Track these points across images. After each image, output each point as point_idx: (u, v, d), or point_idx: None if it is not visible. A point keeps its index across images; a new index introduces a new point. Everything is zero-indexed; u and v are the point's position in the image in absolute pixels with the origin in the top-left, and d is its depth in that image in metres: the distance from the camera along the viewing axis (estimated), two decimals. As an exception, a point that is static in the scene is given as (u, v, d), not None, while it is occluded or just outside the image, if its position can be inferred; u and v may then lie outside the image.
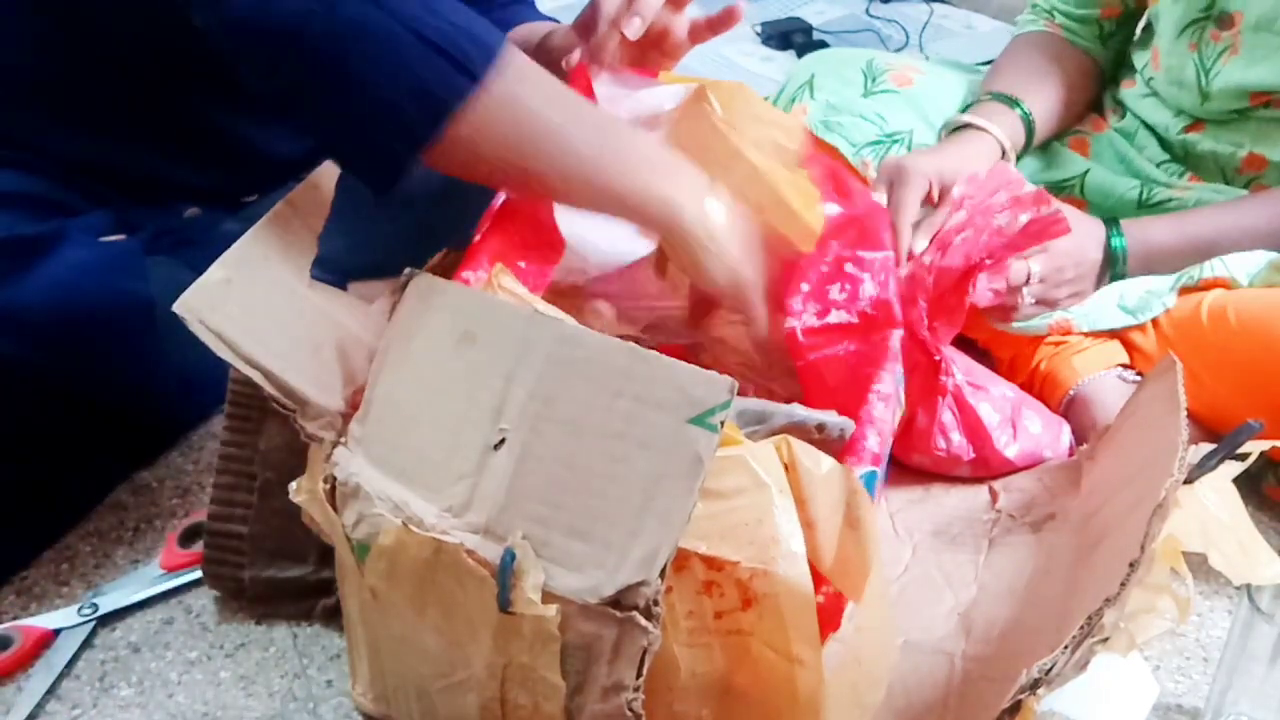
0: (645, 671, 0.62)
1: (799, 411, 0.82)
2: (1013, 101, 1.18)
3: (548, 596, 0.63)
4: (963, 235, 0.95)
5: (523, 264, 0.89)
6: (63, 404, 0.94)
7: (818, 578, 0.72)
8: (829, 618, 0.79)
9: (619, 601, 0.61)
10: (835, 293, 0.92)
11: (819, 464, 0.70)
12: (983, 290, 0.97)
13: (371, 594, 0.73)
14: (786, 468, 0.69)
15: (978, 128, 1.15)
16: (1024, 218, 0.95)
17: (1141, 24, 1.27)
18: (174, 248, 1.06)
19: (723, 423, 0.61)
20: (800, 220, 0.99)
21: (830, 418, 0.82)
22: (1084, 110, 1.29)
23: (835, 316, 0.92)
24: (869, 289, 0.92)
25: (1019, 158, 1.19)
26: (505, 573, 0.63)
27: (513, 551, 0.64)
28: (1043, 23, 1.30)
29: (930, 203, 1.06)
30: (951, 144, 1.15)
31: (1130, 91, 1.24)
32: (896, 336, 0.93)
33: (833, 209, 0.95)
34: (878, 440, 0.91)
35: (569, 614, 0.63)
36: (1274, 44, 1.10)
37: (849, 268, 0.92)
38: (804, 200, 0.99)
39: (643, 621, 0.61)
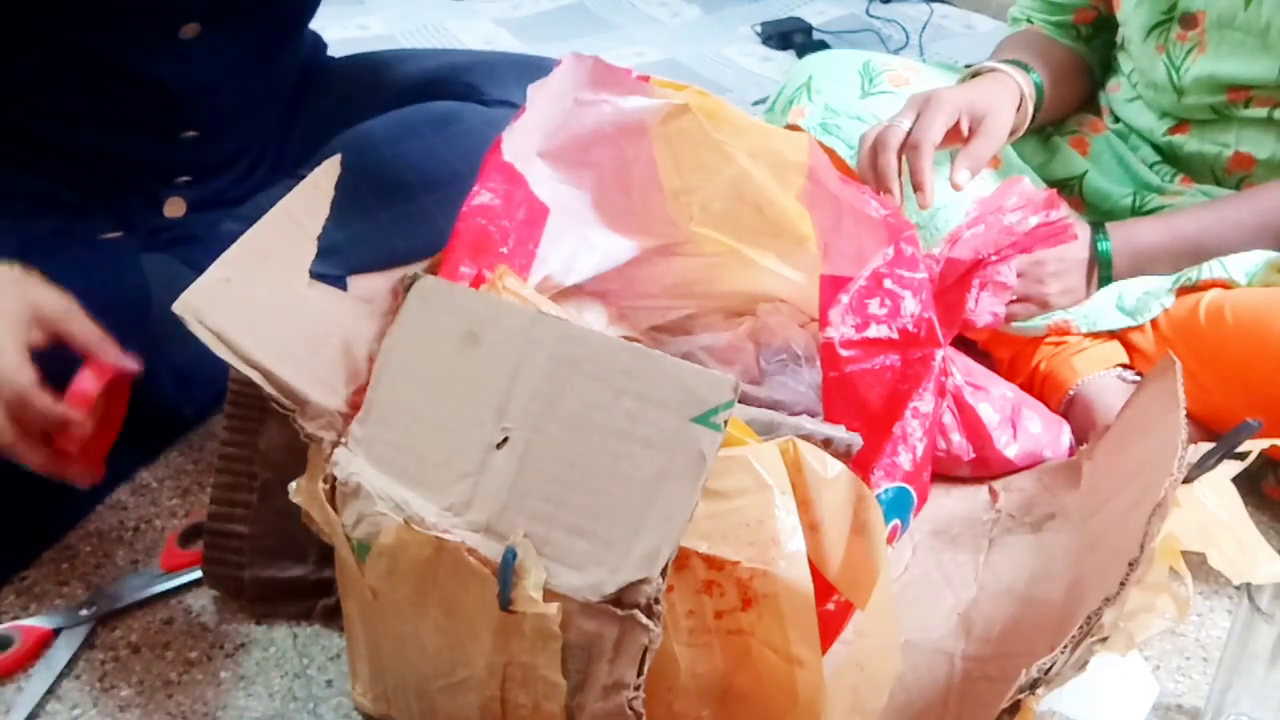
0: (646, 670, 0.62)
1: (806, 424, 0.82)
2: (1025, 67, 1.17)
3: (549, 595, 0.63)
4: (973, 230, 0.95)
5: (504, 249, 0.89)
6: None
7: (825, 587, 0.72)
8: (835, 626, 0.79)
9: (620, 600, 0.61)
10: (875, 307, 0.90)
11: (826, 467, 0.70)
12: (983, 311, 0.96)
13: (372, 594, 0.73)
14: (792, 469, 0.69)
15: (999, 70, 1.14)
16: (1034, 220, 0.95)
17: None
18: (170, 245, 1.06)
19: (726, 422, 0.61)
20: (792, 222, 1.00)
21: (838, 432, 0.82)
22: (1078, 100, 1.28)
23: (875, 331, 0.90)
24: (910, 305, 0.91)
25: (1030, 118, 1.18)
26: (506, 571, 0.63)
27: (514, 550, 0.64)
28: (1024, 26, 1.30)
29: (959, 134, 1.06)
30: (976, 82, 1.14)
31: (1116, 96, 1.24)
32: (939, 356, 0.92)
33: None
34: (910, 458, 0.90)
35: (570, 612, 0.63)
36: (1238, 39, 1.10)
37: (888, 284, 0.91)
38: (796, 209, 0.99)
39: (644, 620, 0.61)
